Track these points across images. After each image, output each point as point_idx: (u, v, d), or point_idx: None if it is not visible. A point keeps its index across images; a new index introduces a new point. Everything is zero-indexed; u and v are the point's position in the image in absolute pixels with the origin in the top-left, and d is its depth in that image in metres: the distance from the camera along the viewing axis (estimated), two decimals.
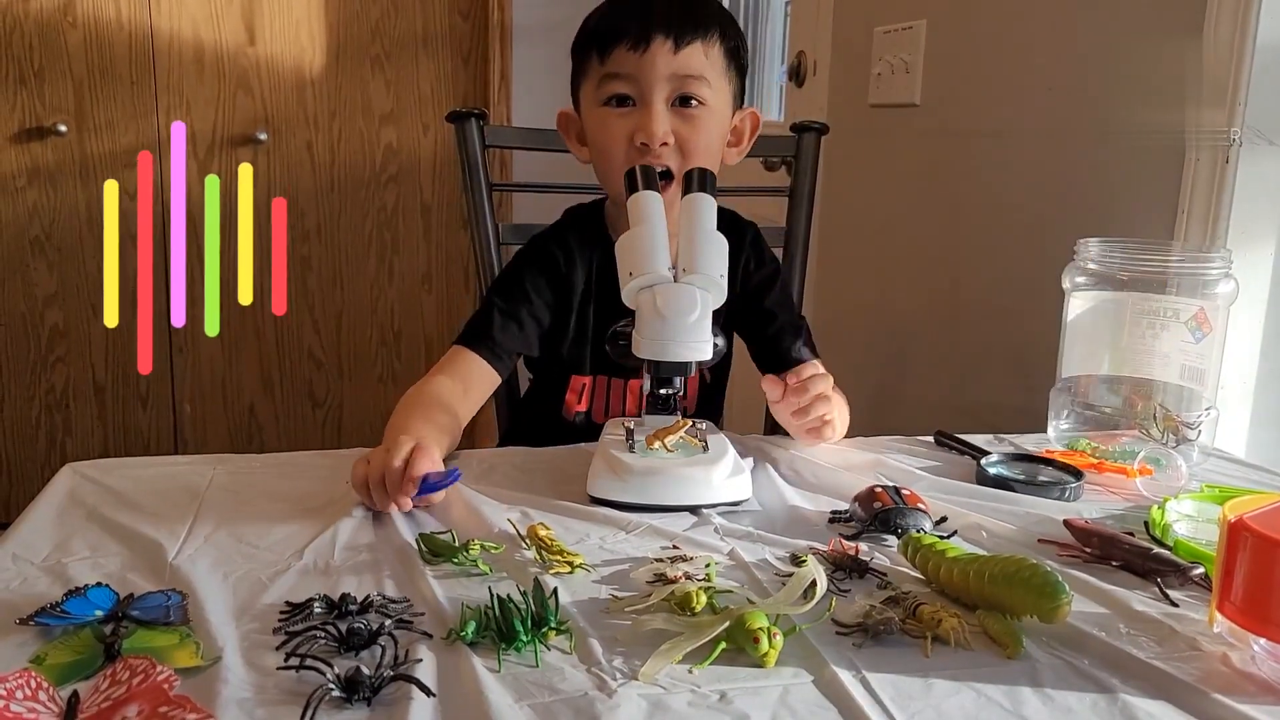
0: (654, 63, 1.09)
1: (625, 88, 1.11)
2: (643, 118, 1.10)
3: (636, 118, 1.10)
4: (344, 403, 3.12)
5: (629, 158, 1.10)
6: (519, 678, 0.61)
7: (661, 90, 1.10)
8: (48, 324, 2.86)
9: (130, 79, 2.80)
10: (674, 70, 1.09)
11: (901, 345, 1.89)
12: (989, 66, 1.65)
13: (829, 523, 0.89)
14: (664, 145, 1.10)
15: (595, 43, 1.12)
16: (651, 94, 1.10)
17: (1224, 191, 1.16)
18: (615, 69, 1.10)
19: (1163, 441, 1.05)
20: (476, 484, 0.93)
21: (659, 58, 1.09)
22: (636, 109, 1.11)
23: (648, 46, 1.09)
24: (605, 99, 1.12)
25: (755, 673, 0.63)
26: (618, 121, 1.11)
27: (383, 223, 3.08)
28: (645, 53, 1.09)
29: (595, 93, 1.13)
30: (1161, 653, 0.67)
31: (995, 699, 0.62)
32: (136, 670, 0.58)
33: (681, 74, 1.10)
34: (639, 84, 1.10)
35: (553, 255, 1.22)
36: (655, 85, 1.09)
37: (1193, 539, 0.83)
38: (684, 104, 1.11)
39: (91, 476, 0.92)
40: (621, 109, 1.11)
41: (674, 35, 1.09)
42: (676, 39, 1.09)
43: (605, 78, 1.11)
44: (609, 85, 1.11)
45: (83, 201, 2.82)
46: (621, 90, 1.11)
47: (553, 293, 1.21)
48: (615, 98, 1.11)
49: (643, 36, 1.09)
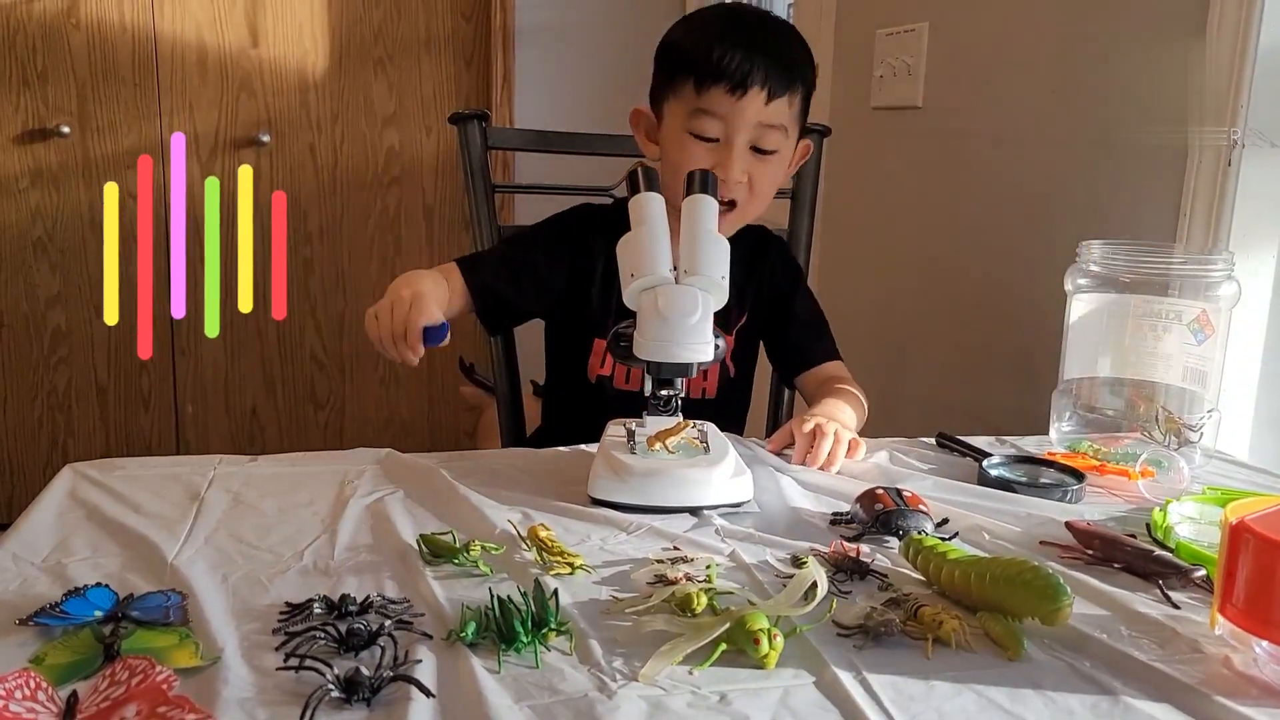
0: (745, 110, 1.15)
1: (713, 129, 1.16)
2: (724, 156, 1.16)
3: (717, 155, 1.16)
4: (346, 405, 3.12)
5: None
6: (519, 679, 0.61)
7: (745, 135, 1.16)
8: (50, 325, 2.86)
9: (133, 81, 2.80)
10: (760, 119, 1.15)
11: (904, 347, 1.89)
12: (991, 69, 1.65)
13: (830, 524, 0.88)
14: (737, 182, 1.17)
15: (694, 71, 1.16)
16: (736, 138, 1.16)
17: (1226, 194, 1.16)
18: (709, 107, 1.15)
19: (1165, 444, 1.05)
20: (477, 485, 0.93)
21: (751, 106, 1.14)
22: (719, 145, 1.16)
23: (744, 94, 1.14)
24: (692, 130, 1.17)
25: (756, 674, 0.63)
26: (702, 155, 1.17)
27: (385, 225, 3.08)
28: (740, 99, 1.14)
29: (683, 118, 1.17)
30: (1163, 655, 0.67)
31: (996, 701, 0.61)
32: (135, 670, 0.58)
33: (765, 123, 1.16)
34: (727, 126, 1.16)
35: (579, 225, 1.28)
36: (741, 130, 1.16)
37: (1194, 541, 0.82)
38: (760, 149, 1.17)
39: (92, 477, 0.92)
40: (706, 143, 1.16)
41: (769, 88, 1.14)
42: (771, 91, 1.15)
43: (697, 111, 1.16)
44: (699, 121, 1.16)
45: (85, 203, 2.83)
46: (710, 131, 1.16)
47: (572, 258, 1.26)
48: (700, 133, 1.16)
49: (741, 83, 1.13)
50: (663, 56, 1.23)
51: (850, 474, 1.01)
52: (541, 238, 1.30)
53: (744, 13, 1.25)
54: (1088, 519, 0.88)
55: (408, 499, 0.90)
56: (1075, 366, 1.14)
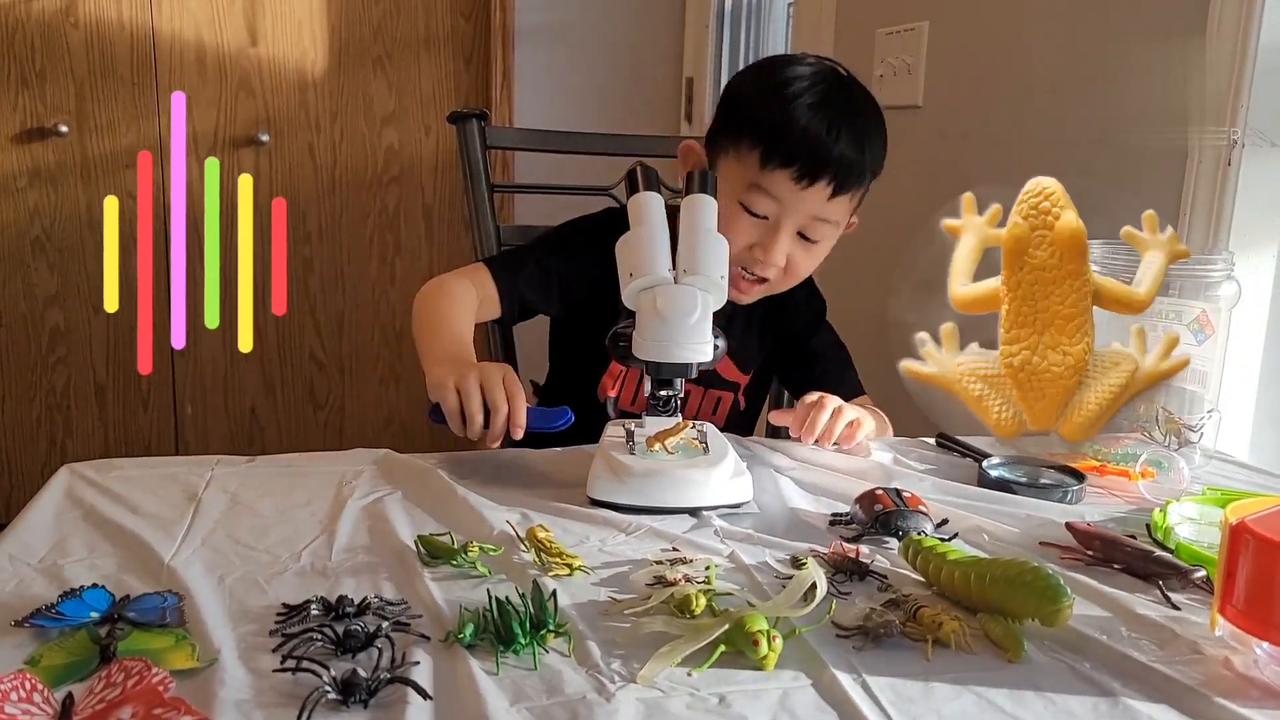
0: (806, 201, 1.11)
1: (767, 208, 1.12)
2: (769, 238, 1.13)
3: (763, 232, 1.13)
4: (345, 404, 3.12)
5: (740, 255, 1.14)
6: (516, 681, 0.61)
7: (796, 221, 1.12)
8: (48, 325, 2.86)
9: (132, 80, 2.80)
10: (816, 212, 1.12)
11: (904, 347, 1.88)
12: (991, 68, 1.64)
13: (829, 525, 0.88)
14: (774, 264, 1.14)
15: (763, 143, 1.10)
16: (786, 223, 1.12)
17: (1226, 194, 1.16)
18: (769, 187, 1.11)
19: (1165, 444, 1.04)
20: (475, 485, 0.93)
21: (813, 199, 1.11)
22: (767, 223, 1.13)
23: (811, 184, 1.09)
24: (746, 203, 1.12)
25: (754, 676, 0.63)
26: (747, 228, 1.13)
27: (384, 224, 3.07)
28: (804, 190, 1.10)
29: (739, 187, 1.12)
30: (1163, 656, 0.67)
31: (996, 702, 0.61)
32: (131, 672, 0.57)
33: (820, 217, 1.13)
34: (781, 209, 1.11)
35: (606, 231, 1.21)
36: (794, 217, 1.12)
37: (1195, 542, 0.82)
38: (806, 236, 1.14)
39: (89, 477, 0.92)
40: (755, 217, 1.13)
41: (836, 184, 1.10)
42: (837, 188, 1.11)
43: (756, 187, 1.11)
44: (755, 198, 1.12)
45: (84, 202, 2.82)
46: (763, 209, 1.12)
47: (600, 265, 1.18)
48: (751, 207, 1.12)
49: (809, 174, 1.09)
50: (733, 106, 1.16)
51: (850, 474, 1.01)
52: (570, 242, 1.26)
53: (833, 86, 1.13)
54: (1088, 520, 0.88)
55: (405, 500, 0.90)
56: None
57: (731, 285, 1.14)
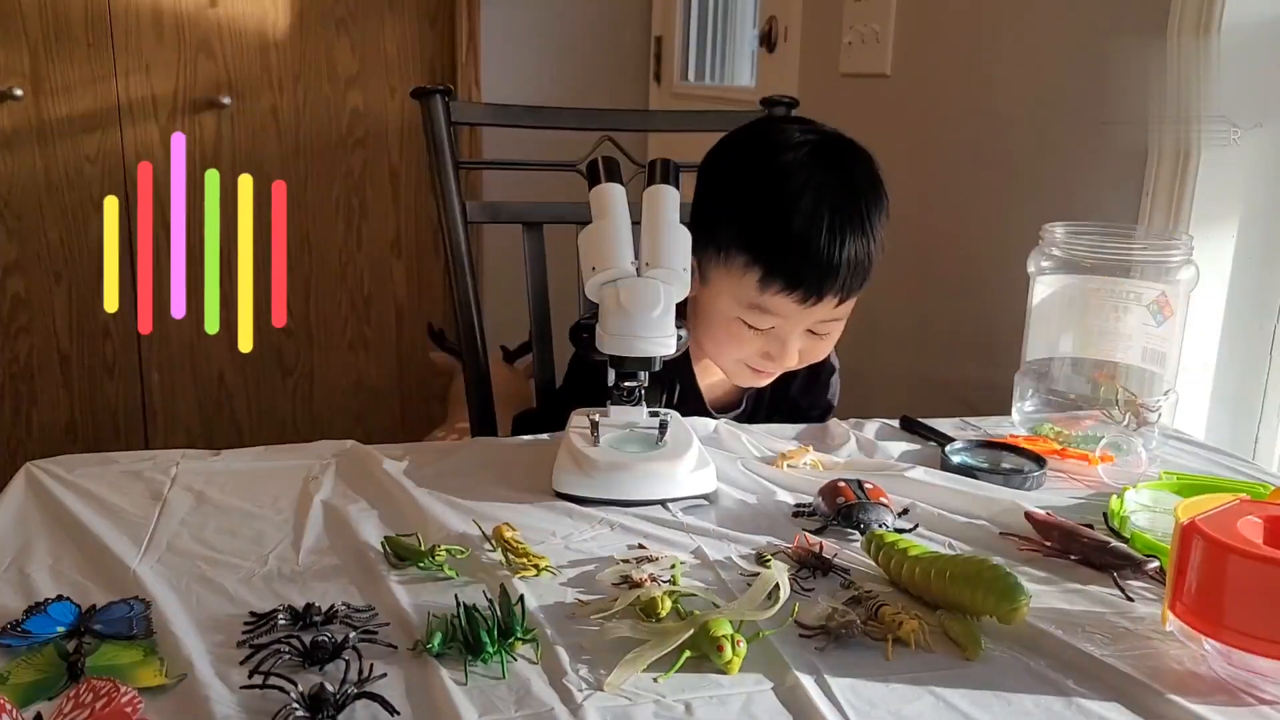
0: (813, 314, 1.06)
1: (774, 323, 1.06)
2: (777, 348, 1.08)
3: (770, 342, 1.08)
4: (314, 370, 3.10)
5: (749, 358, 1.10)
6: (485, 691, 0.62)
7: (805, 324, 1.07)
8: (9, 293, 2.82)
9: (86, 41, 2.74)
10: (824, 317, 1.07)
11: (871, 322, 1.89)
12: (959, 41, 1.64)
13: (793, 516, 0.89)
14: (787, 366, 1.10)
15: (761, 262, 1.02)
16: (794, 333, 1.07)
17: (1187, 178, 1.17)
18: (772, 309, 1.04)
19: (1124, 424, 1.06)
20: (441, 479, 0.93)
21: (820, 311, 1.05)
22: (772, 331, 1.07)
23: (818, 302, 1.03)
24: (747, 320, 1.06)
25: (719, 681, 0.64)
26: (752, 338, 1.08)
27: (350, 188, 3.04)
28: (811, 307, 1.04)
29: (737, 305, 1.06)
30: (1116, 651, 0.69)
31: (954, 703, 0.63)
32: (100, 693, 0.58)
33: (829, 319, 1.08)
34: (787, 323, 1.06)
35: None
36: (802, 325, 1.07)
37: (1150, 531, 0.84)
38: (815, 333, 1.09)
39: (51, 474, 0.91)
40: (757, 330, 1.07)
41: (843, 295, 1.05)
42: (844, 296, 1.05)
43: (756, 307, 1.05)
44: (757, 316, 1.05)
45: (41, 167, 2.77)
46: (766, 325, 1.06)
47: None
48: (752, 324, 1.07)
49: (815, 293, 1.02)
50: (720, 203, 1.07)
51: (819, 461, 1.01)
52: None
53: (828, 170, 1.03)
54: (1047, 508, 0.89)
55: (372, 498, 0.90)
56: (1038, 347, 1.15)
57: (744, 376, 1.13)
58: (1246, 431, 1.26)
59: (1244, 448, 1.24)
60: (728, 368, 1.14)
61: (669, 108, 2.92)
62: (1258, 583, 0.63)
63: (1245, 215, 1.21)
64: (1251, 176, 1.19)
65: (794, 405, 1.25)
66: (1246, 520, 0.67)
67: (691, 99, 2.84)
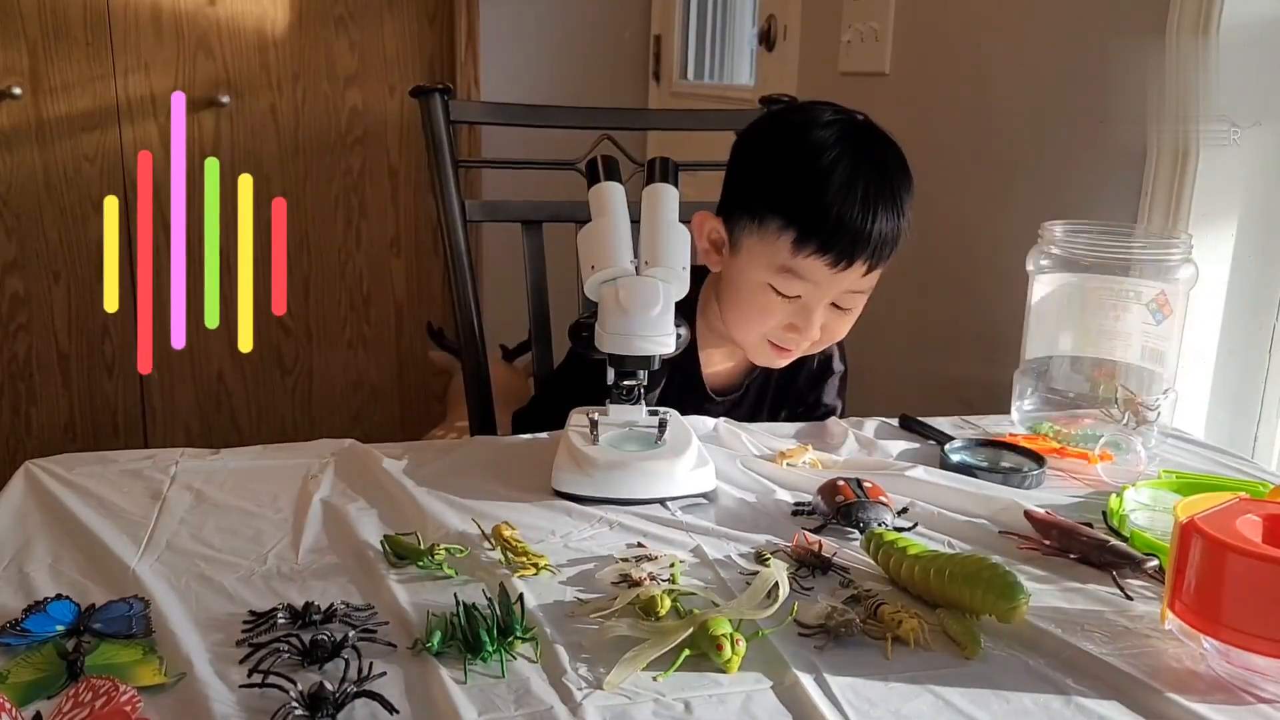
0: (841, 281, 1.07)
1: (799, 289, 1.07)
2: (802, 318, 1.08)
3: (796, 311, 1.09)
4: (313, 369, 3.10)
5: (773, 331, 1.11)
6: (485, 689, 0.62)
7: (831, 295, 1.08)
8: (8, 292, 2.81)
9: (85, 40, 2.73)
10: (851, 287, 1.08)
11: (870, 321, 1.89)
12: (958, 39, 1.64)
13: (792, 515, 0.89)
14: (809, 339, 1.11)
15: (796, 227, 1.04)
16: (820, 303, 1.08)
17: (1186, 176, 1.17)
18: (803, 273, 1.06)
19: (1123, 422, 1.06)
20: (440, 478, 0.93)
21: (848, 278, 1.07)
22: (799, 300, 1.08)
23: (848, 267, 1.05)
24: (777, 286, 1.08)
25: (719, 680, 0.64)
26: (779, 307, 1.09)
27: (349, 186, 3.04)
28: (841, 273, 1.06)
29: (768, 270, 1.07)
30: (1115, 649, 0.69)
31: (953, 701, 0.63)
32: (99, 692, 0.58)
33: (855, 290, 1.09)
34: (815, 290, 1.07)
35: None
36: (829, 296, 1.08)
37: (1149, 529, 0.84)
38: (839, 306, 1.11)
39: (51, 473, 0.91)
40: (785, 297, 1.08)
41: (872, 262, 1.06)
42: (873, 265, 1.07)
43: (787, 270, 1.06)
44: (787, 281, 1.07)
45: (40, 166, 2.77)
46: (795, 291, 1.07)
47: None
48: (781, 289, 1.08)
49: (846, 257, 1.04)
50: (755, 178, 1.10)
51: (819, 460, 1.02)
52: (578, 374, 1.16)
53: (860, 150, 1.07)
54: (1046, 506, 0.89)
55: (371, 497, 0.90)
56: (1037, 346, 1.15)
57: (764, 354, 1.14)
58: (1245, 430, 1.26)
59: (1243, 446, 1.24)
60: (750, 343, 1.14)
61: (668, 106, 2.92)
62: (1257, 581, 0.63)
63: (1244, 214, 1.21)
64: (1250, 175, 1.19)
65: (799, 398, 1.25)
66: (1245, 519, 0.67)
67: (691, 98, 2.83)
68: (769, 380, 1.24)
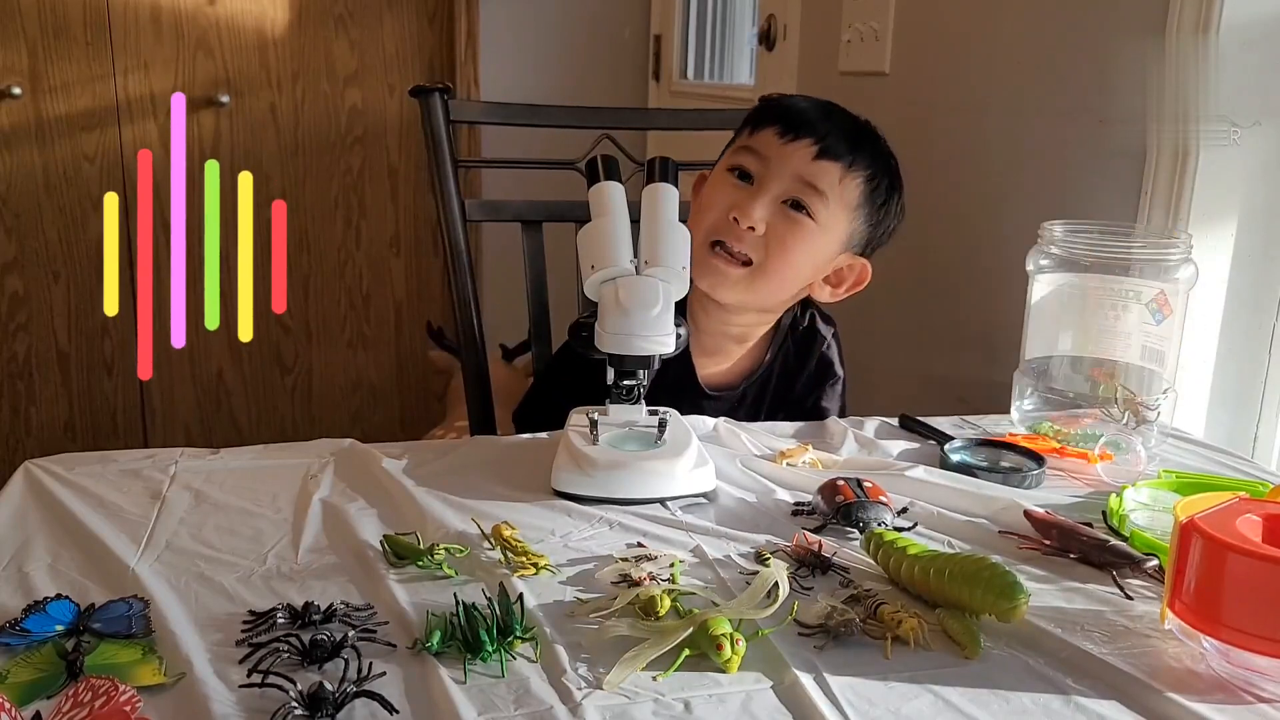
0: (790, 156, 1.10)
1: (751, 164, 1.12)
2: (749, 197, 1.11)
3: (745, 193, 1.11)
4: (313, 368, 3.10)
5: (717, 226, 1.12)
6: (484, 689, 0.62)
7: (781, 183, 1.10)
8: (7, 291, 2.81)
9: (85, 40, 2.73)
10: (801, 173, 1.10)
11: (870, 320, 1.90)
12: (958, 39, 1.64)
13: (792, 515, 0.89)
14: (751, 229, 1.10)
15: (755, 118, 1.15)
16: (770, 181, 1.11)
17: (1186, 176, 1.17)
18: (754, 145, 1.12)
19: (1123, 422, 1.06)
20: (440, 478, 0.93)
21: (796, 154, 1.10)
22: (750, 188, 1.11)
23: (795, 139, 1.10)
24: (730, 166, 1.14)
25: (718, 679, 0.64)
26: (729, 191, 1.12)
27: (349, 186, 3.04)
28: (788, 144, 1.10)
29: (727, 159, 1.16)
30: (1115, 649, 0.69)
31: (953, 701, 0.63)
32: (99, 691, 0.58)
33: (806, 179, 1.10)
34: (765, 166, 1.11)
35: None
36: (778, 176, 1.10)
37: (1149, 529, 0.84)
38: (795, 207, 1.11)
39: (50, 473, 0.91)
40: (739, 182, 1.12)
41: (821, 144, 1.10)
42: (822, 149, 1.10)
43: (742, 149, 1.13)
44: (739, 156, 1.13)
45: (39, 165, 2.77)
46: (746, 165, 1.12)
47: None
48: (739, 169, 1.13)
49: (794, 129, 1.10)
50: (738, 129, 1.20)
51: (819, 460, 1.02)
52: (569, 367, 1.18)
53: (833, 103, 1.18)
54: (1046, 506, 0.89)
55: (371, 497, 0.89)
56: (1037, 346, 1.15)
57: (708, 271, 1.12)
58: (1245, 430, 1.26)
59: (1243, 446, 1.24)
60: (699, 258, 1.11)
61: (668, 106, 2.92)
62: (1256, 581, 0.63)
63: (1244, 214, 1.21)
64: (1250, 175, 1.19)
65: (798, 403, 1.25)
66: (1245, 518, 0.67)
67: (690, 97, 2.83)
68: (768, 382, 1.23)
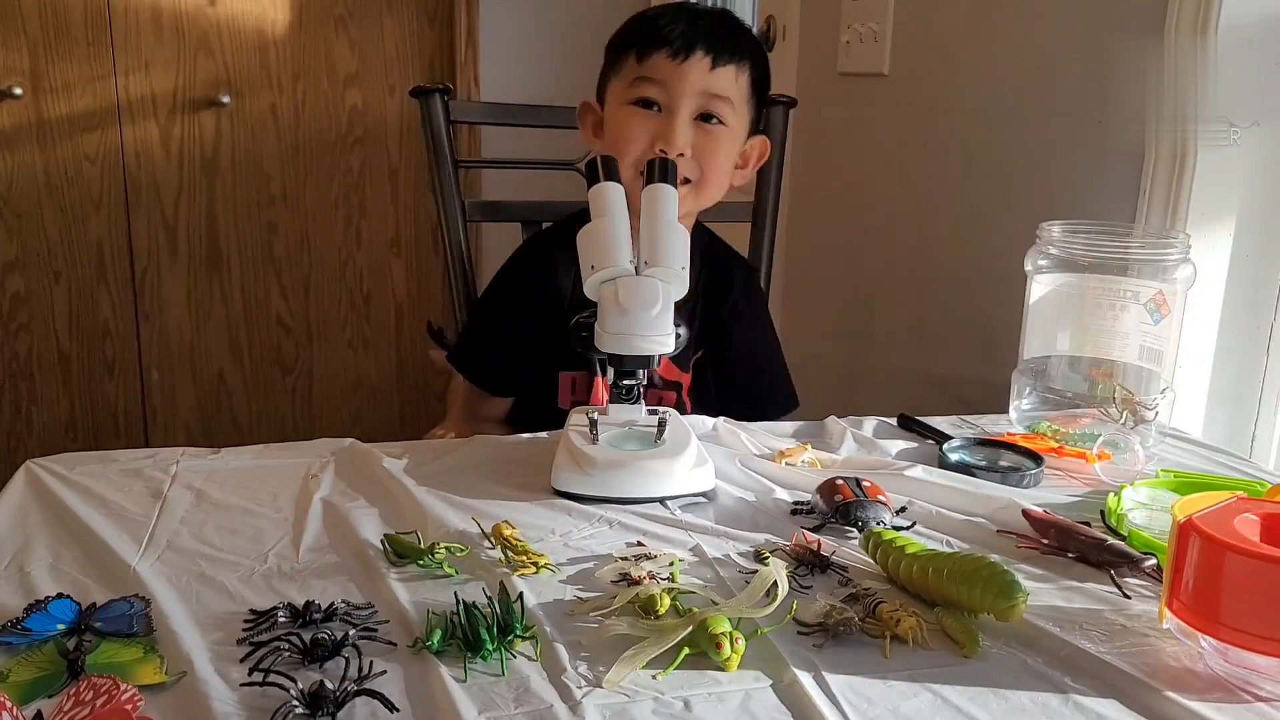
0: (688, 75, 1.14)
1: (655, 93, 1.15)
2: (666, 125, 1.14)
3: (659, 123, 1.15)
4: (314, 368, 3.10)
5: (644, 157, 1.13)
6: (485, 688, 0.62)
7: (689, 103, 1.14)
8: (9, 291, 2.82)
9: (86, 40, 2.74)
10: (704, 87, 1.14)
11: (870, 319, 1.90)
12: (957, 40, 1.64)
13: (791, 514, 0.89)
14: (681, 155, 1.14)
15: (636, 44, 1.16)
16: (679, 104, 1.14)
17: (1185, 176, 1.17)
18: (650, 73, 1.15)
19: (1121, 422, 1.06)
20: (440, 477, 0.94)
21: (694, 71, 1.14)
22: (661, 115, 1.15)
23: (687, 58, 1.13)
24: (633, 99, 1.16)
25: (718, 678, 0.64)
26: (641, 123, 1.15)
27: (349, 186, 3.04)
28: (683, 63, 1.14)
29: (625, 91, 1.17)
30: (1113, 648, 0.69)
31: (951, 700, 0.63)
32: (100, 690, 0.58)
33: (710, 92, 1.15)
34: (669, 92, 1.14)
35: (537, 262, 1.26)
36: (684, 97, 1.14)
37: (1147, 528, 0.84)
38: (705, 120, 1.16)
39: (51, 473, 0.91)
40: (646, 111, 1.15)
41: (713, 54, 1.14)
42: (715, 58, 1.14)
43: (638, 79, 1.15)
44: (640, 87, 1.15)
45: (40, 166, 2.77)
46: (651, 95, 1.15)
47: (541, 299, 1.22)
48: (643, 100, 1.15)
49: (684, 48, 1.13)
50: (608, 50, 1.22)
51: (818, 459, 1.02)
52: (504, 295, 1.27)
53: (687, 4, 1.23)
54: (1044, 505, 0.90)
55: (371, 496, 0.90)
56: (1035, 346, 1.15)
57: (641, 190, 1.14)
58: (1243, 429, 1.26)
59: (1241, 445, 1.24)
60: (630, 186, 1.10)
61: None
62: (1254, 580, 0.63)
63: (1242, 214, 1.21)
64: (1249, 175, 1.19)
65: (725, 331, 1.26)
66: (1243, 518, 0.68)
67: None
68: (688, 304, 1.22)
